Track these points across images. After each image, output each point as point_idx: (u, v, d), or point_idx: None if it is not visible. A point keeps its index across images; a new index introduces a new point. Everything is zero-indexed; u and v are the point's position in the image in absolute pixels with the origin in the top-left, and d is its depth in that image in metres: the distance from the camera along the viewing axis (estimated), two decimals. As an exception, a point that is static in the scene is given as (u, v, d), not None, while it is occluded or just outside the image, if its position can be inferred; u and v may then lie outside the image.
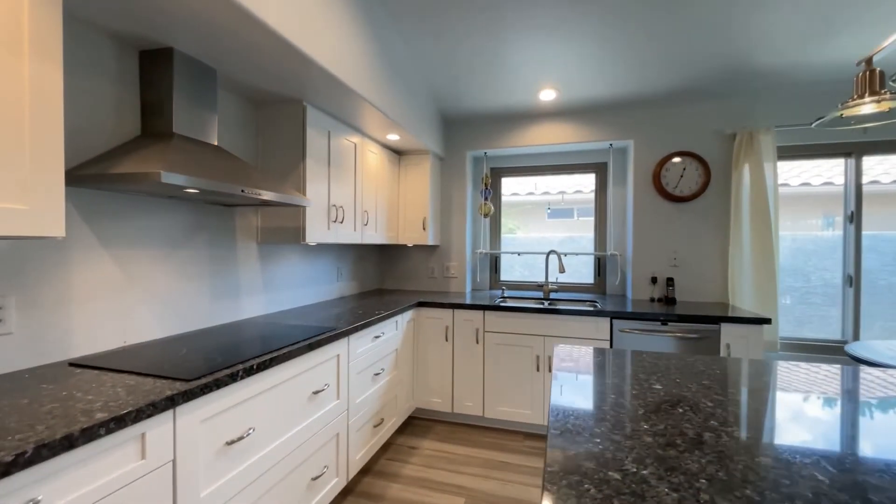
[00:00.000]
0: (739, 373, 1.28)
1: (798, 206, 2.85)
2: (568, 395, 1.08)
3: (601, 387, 1.14)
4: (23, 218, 0.98)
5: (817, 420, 0.92)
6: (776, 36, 2.19)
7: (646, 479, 0.67)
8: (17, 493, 0.76)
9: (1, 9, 0.93)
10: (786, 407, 1.00)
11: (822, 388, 1.14)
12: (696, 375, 1.24)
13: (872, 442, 0.82)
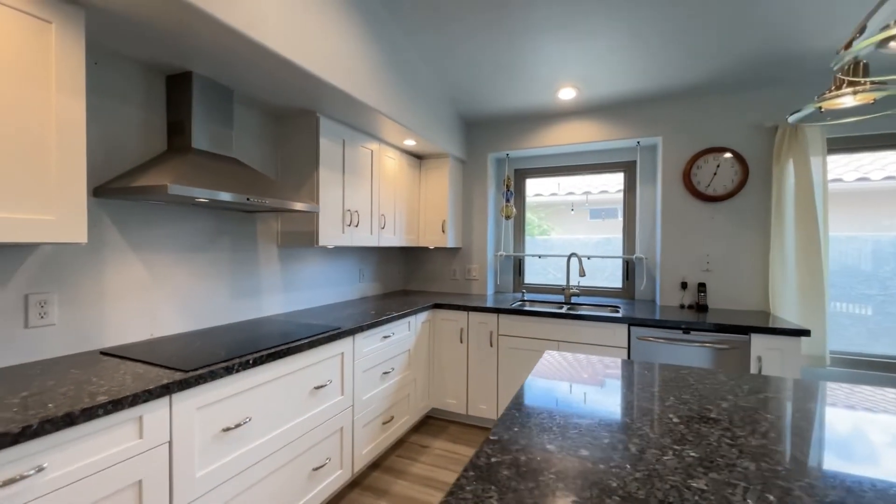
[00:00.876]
0: (766, 399, 1.18)
1: (865, 203, 2.53)
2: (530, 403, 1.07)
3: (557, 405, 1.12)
4: (51, 227, 1.16)
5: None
6: (822, 15, 1.97)
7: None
8: (25, 460, 0.90)
9: (32, 50, 1.11)
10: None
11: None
12: (704, 396, 1.17)
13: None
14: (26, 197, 1.11)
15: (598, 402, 1.07)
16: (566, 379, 1.26)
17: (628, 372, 1.33)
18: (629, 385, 1.21)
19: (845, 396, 1.12)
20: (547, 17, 2.12)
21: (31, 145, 1.11)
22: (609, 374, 1.31)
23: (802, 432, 0.89)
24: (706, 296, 2.67)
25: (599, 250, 3.30)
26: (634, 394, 1.13)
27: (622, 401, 1.08)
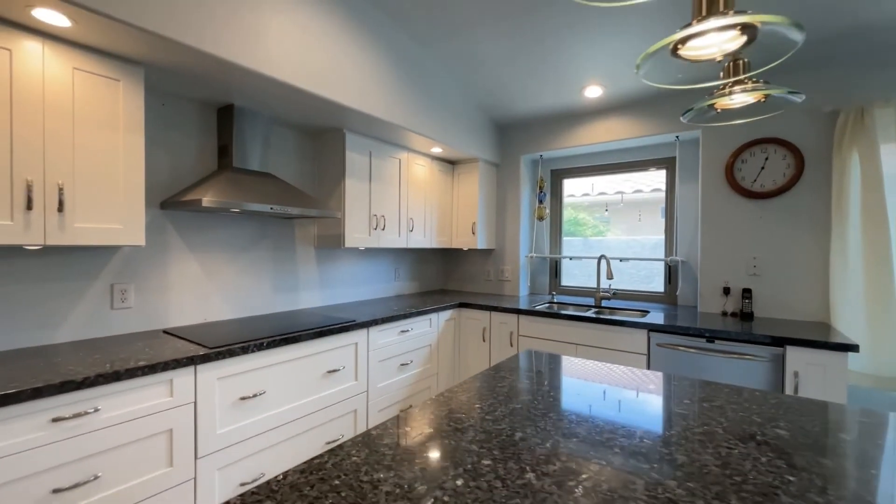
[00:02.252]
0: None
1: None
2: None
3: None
4: (120, 233, 1.54)
5: None
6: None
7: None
8: (86, 402, 1.25)
9: (106, 102, 1.50)
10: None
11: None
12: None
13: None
14: (105, 212, 1.51)
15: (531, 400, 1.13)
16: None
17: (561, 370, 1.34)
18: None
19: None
20: (569, 19, 2.10)
21: (106, 174, 1.51)
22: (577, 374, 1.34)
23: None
24: (751, 303, 2.41)
25: (646, 252, 3.12)
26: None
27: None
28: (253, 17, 1.68)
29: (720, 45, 0.68)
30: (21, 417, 1.14)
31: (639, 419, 0.98)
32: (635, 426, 0.94)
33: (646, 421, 0.97)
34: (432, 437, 0.87)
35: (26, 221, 1.33)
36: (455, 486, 0.69)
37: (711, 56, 0.70)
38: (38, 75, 1.35)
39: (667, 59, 0.71)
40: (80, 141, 1.44)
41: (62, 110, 1.40)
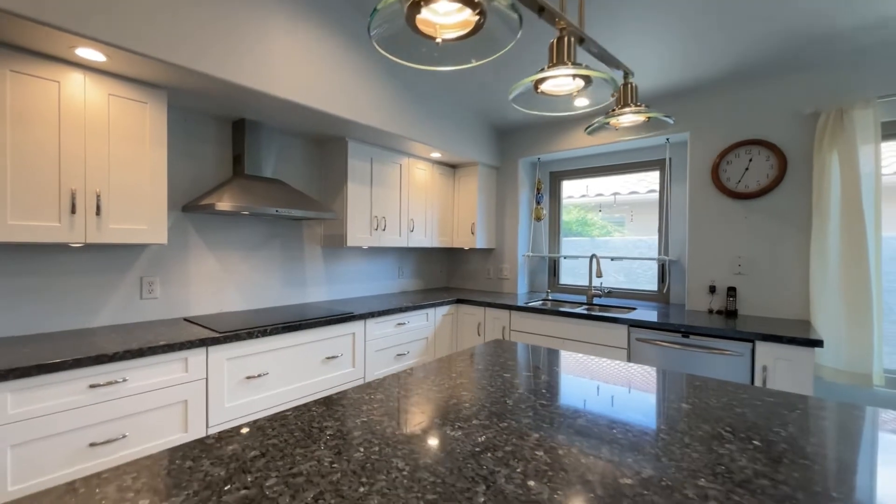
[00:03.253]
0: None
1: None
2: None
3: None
4: (145, 233, 1.81)
5: None
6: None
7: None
8: (116, 373, 1.51)
9: (135, 122, 1.76)
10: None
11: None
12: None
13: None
14: (133, 215, 1.77)
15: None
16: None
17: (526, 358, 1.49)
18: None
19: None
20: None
21: (135, 182, 1.77)
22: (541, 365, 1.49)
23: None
24: (735, 301, 2.47)
25: (652, 252, 3.19)
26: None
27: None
28: (260, 46, 1.91)
29: (570, 86, 0.83)
30: (65, 382, 1.40)
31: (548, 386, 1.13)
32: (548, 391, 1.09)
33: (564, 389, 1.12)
34: (381, 401, 1.06)
35: (71, 223, 1.60)
36: (384, 432, 0.87)
37: (567, 92, 0.84)
38: (80, 101, 1.62)
39: (535, 93, 0.87)
40: (114, 155, 1.71)
41: (99, 130, 1.67)
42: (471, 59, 0.64)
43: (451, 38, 0.58)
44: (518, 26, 0.60)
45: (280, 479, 0.70)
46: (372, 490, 0.67)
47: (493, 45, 0.64)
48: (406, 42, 0.63)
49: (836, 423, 0.95)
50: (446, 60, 0.68)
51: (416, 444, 0.83)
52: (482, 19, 0.55)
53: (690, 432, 0.90)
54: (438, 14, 0.56)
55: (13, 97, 1.47)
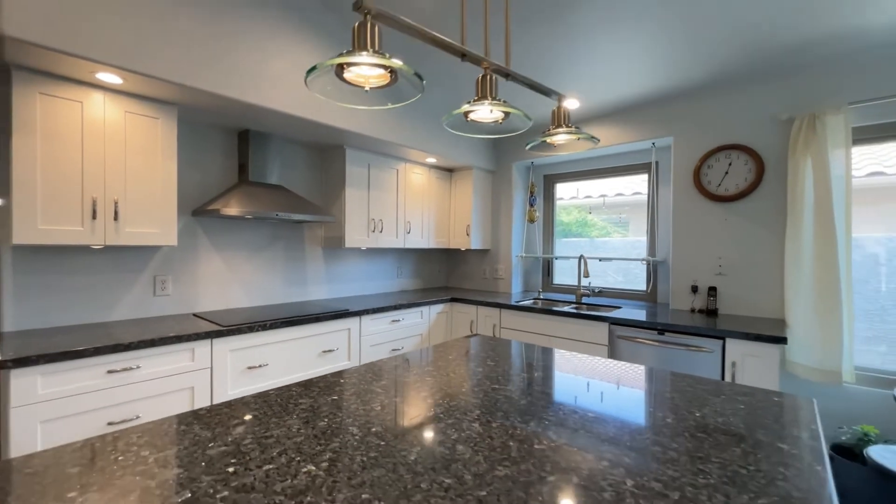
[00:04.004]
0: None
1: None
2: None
3: (433, 359, 1.50)
4: (158, 236, 2.00)
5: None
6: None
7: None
8: (130, 360, 1.69)
9: (148, 136, 1.95)
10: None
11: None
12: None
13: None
14: (147, 219, 1.96)
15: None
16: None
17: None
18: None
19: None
20: (544, 40, 2.33)
21: (148, 190, 1.96)
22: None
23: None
24: (716, 300, 2.56)
25: (640, 252, 3.29)
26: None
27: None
28: (261, 65, 2.08)
29: (494, 116, 0.96)
30: (86, 368, 1.59)
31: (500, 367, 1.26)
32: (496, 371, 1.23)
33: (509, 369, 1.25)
34: (353, 384, 1.21)
35: (92, 227, 1.80)
36: (349, 407, 1.02)
37: (493, 120, 0.97)
38: (100, 119, 1.82)
39: (465, 120, 1.01)
40: (130, 165, 1.91)
41: (117, 143, 1.87)
42: (387, 102, 0.78)
43: (375, 87, 0.73)
44: (421, 87, 0.75)
45: (254, 440, 0.85)
46: (327, 449, 0.82)
47: (404, 96, 0.80)
48: (341, 87, 0.78)
49: (749, 407, 1.07)
50: (371, 102, 0.84)
51: (371, 417, 0.98)
52: (395, 76, 0.69)
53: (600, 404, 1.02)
54: (363, 70, 0.71)
55: (42, 116, 1.67)
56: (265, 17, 2.10)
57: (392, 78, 0.74)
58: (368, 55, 0.67)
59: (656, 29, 2.13)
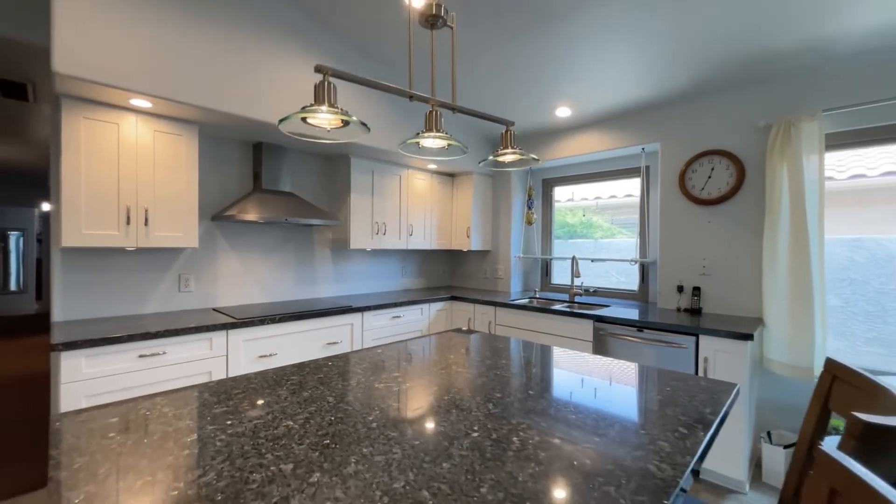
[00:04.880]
0: (540, 357, 1.58)
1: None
2: (386, 348, 1.70)
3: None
4: (181, 239, 2.27)
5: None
6: (802, 8, 1.92)
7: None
8: (159, 347, 1.96)
9: (173, 152, 2.23)
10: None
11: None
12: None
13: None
14: (172, 224, 2.24)
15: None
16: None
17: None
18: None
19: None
20: (536, 52, 2.47)
21: (173, 199, 2.24)
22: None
23: (513, 376, 1.32)
24: (700, 299, 2.66)
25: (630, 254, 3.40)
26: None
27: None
28: (272, 87, 2.33)
29: (440, 144, 1.15)
30: (121, 353, 1.86)
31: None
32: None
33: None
34: (339, 366, 1.42)
35: (126, 232, 2.08)
36: (330, 382, 1.23)
37: (439, 147, 1.15)
38: (133, 138, 2.10)
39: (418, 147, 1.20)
40: (158, 177, 2.18)
41: (147, 159, 2.14)
42: (345, 137, 1.00)
43: (335, 127, 0.93)
44: (367, 130, 0.97)
45: (249, 404, 1.07)
46: (305, 411, 1.03)
47: (358, 133, 1.01)
48: (308, 128, 1.00)
49: (674, 389, 1.22)
50: (333, 137, 1.05)
51: (347, 390, 1.18)
52: (348, 122, 0.90)
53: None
54: (323, 117, 0.92)
55: (86, 137, 1.96)
56: (272, 43, 2.35)
57: (345, 122, 0.94)
58: (326, 109, 0.87)
59: (643, 40, 2.24)
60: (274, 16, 2.35)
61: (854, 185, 2.33)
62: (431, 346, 1.72)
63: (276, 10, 2.36)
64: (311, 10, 2.42)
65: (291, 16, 2.42)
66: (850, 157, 2.32)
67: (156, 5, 1.95)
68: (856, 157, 2.31)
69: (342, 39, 2.64)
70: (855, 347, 2.40)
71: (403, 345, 1.74)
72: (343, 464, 0.79)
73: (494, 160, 1.44)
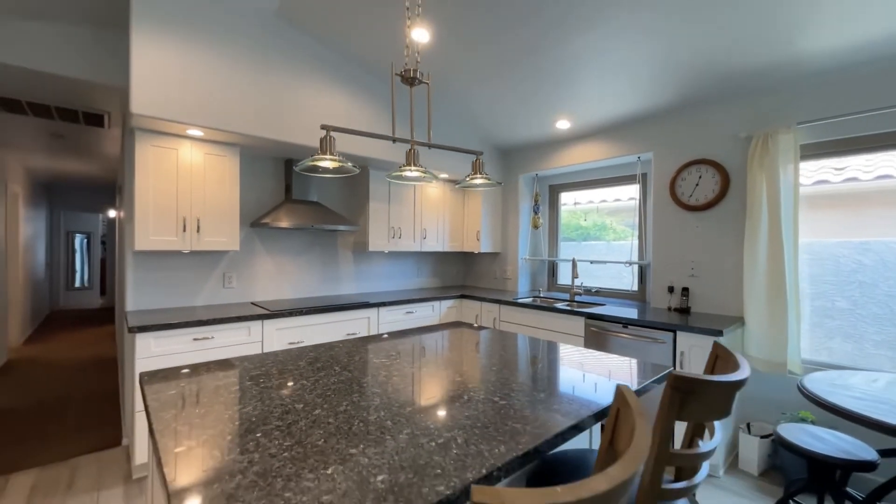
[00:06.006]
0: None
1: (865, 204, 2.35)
2: (389, 335, 2.04)
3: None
4: (225, 243, 2.71)
5: (466, 358, 1.61)
6: (782, 27, 2.05)
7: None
8: (207, 332, 2.39)
9: (219, 170, 2.67)
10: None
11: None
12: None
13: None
14: (218, 231, 2.68)
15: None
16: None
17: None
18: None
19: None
20: (537, 72, 2.74)
21: (219, 209, 2.67)
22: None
23: (485, 357, 1.62)
24: (688, 299, 2.84)
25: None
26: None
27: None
28: (300, 113, 2.73)
29: (416, 175, 1.46)
30: (179, 336, 2.29)
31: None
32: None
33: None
34: (348, 346, 1.77)
35: (182, 237, 2.53)
36: (340, 358, 1.58)
37: (416, 177, 1.46)
38: (188, 160, 2.54)
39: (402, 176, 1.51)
40: (207, 192, 2.62)
41: (199, 177, 2.59)
42: (341, 173, 1.34)
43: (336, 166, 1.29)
44: (357, 170, 1.31)
45: (276, 370, 1.43)
46: (316, 375, 1.38)
47: (352, 169, 1.36)
48: (315, 169, 1.36)
49: (611, 366, 1.48)
50: (334, 173, 1.39)
51: (351, 363, 1.52)
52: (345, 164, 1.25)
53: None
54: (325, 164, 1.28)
55: (153, 161, 2.42)
56: (301, 75, 2.75)
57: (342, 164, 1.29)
58: (330, 158, 1.22)
59: (634, 59, 2.45)
60: (304, 51, 2.75)
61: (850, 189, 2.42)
62: (424, 334, 2.04)
63: (305, 46, 2.76)
64: (333, 43, 2.81)
65: (318, 50, 2.82)
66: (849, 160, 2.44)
67: (207, 54, 2.38)
68: (856, 160, 2.43)
69: (359, 64, 3.02)
70: (864, 350, 2.51)
71: (402, 333, 2.07)
72: (337, 404, 1.12)
73: (468, 183, 1.73)
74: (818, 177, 2.47)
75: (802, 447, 1.72)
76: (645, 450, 0.58)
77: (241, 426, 0.99)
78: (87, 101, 2.85)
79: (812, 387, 1.75)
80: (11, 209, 4.77)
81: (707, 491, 2.20)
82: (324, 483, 0.76)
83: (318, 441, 0.92)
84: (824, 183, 2.46)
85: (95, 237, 9.03)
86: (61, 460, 2.45)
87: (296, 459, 0.84)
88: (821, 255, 2.49)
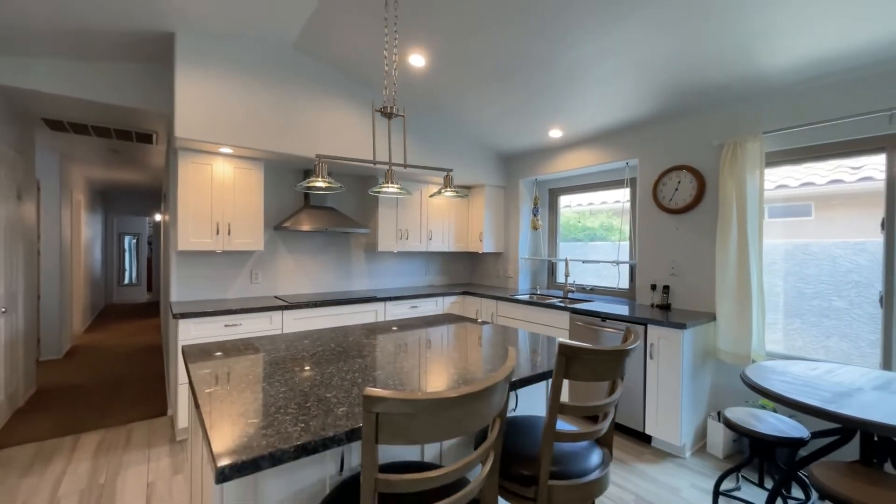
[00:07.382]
0: (490, 331, 2.17)
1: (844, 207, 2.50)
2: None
3: (404, 323, 2.37)
4: (252, 244, 3.14)
5: (440, 341, 1.94)
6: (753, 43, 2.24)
7: (330, 333, 2.06)
8: (237, 319, 2.82)
9: (247, 181, 3.10)
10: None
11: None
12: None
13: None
14: (245, 233, 3.11)
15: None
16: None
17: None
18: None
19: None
20: (531, 88, 3.10)
21: (247, 215, 3.11)
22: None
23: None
24: (668, 297, 3.04)
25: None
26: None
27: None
28: (315, 129, 3.13)
29: (394, 191, 1.78)
30: (213, 322, 2.73)
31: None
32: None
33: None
34: (354, 329, 2.12)
35: (216, 239, 2.97)
36: (339, 338, 1.93)
37: (395, 193, 1.79)
38: (221, 173, 2.99)
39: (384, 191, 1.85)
40: (237, 200, 3.06)
41: (229, 187, 3.03)
42: (332, 191, 1.66)
43: (328, 186, 1.65)
44: (343, 188, 1.66)
45: (287, 346, 1.80)
46: (316, 348, 1.74)
47: (341, 188, 1.70)
48: (311, 188, 1.72)
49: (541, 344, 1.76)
50: (327, 190, 1.75)
51: (349, 341, 1.88)
52: (333, 184, 1.60)
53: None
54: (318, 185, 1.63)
55: (192, 175, 2.87)
56: (318, 96, 3.15)
57: (330, 185, 1.65)
58: (322, 180, 1.58)
59: (619, 73, 2.65)
60: (317, 77, 3.15)
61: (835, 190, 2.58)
62: (414, 322, 2.37)
63: (318, 72, 3.15)
64: (341, 69, 3.19)
65: (330, 75, 3.21)
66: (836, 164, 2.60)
67: (235, 83, 2.81)
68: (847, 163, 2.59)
69: (364, 85, 3.39)
70: (860, 349, 2.66)
71: (398, 321, 2.41)
72: (326, 366, 1.47)
73: (443, 194, 2.05)
74: (781, 182, 2.64)
75: (743, 426, 1.94)
76: (508, 369, 0.89)
77: (260, 375, 1.36)
78: (139, 123, 3.36)
79: (751, 373, 1.97)
80: (75, 214, 5.46)
81: (672, 470, 2.42)
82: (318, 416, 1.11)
83: (304, 387, 1.27)
84: (785, 188, 2.62)
85: (143, 238, 9.91)
86: (120, 425, 2.94)
87: (292, 399, 1.19)
88: (793, 254, 2.65)
